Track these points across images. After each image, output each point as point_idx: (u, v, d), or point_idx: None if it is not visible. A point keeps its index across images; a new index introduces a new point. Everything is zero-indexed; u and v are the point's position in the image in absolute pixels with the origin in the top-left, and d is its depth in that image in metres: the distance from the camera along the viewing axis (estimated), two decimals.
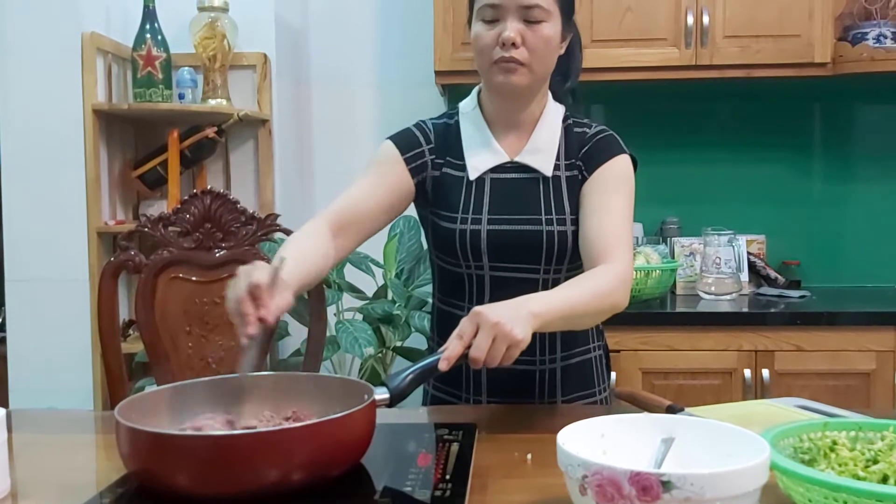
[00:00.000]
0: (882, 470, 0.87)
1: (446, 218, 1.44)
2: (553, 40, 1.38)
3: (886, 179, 2.91)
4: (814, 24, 2.54)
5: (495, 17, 1.35)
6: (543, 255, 1.41)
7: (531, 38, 1.35)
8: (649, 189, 2.91)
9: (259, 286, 1.10)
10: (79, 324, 2.46)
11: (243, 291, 1.10)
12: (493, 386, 1.47)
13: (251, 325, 1.09)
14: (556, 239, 1.40)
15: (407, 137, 1.48)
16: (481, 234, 1.41)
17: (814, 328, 2.34)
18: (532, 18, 1.34)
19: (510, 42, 1.34)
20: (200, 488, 0.92)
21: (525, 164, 1.44)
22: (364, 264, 2.68)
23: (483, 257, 1.42)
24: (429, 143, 1.47)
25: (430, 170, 1.47)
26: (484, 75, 1.42)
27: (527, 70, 1.37)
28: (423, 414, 1.42)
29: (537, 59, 1.37)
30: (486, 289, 1.44)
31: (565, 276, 1.44)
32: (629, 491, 0.78)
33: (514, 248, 1.41)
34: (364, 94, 3.05)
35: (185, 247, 1.79)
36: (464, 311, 1.45)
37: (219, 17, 2.61)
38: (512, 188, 1.43)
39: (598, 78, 2.60)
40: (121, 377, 1.75)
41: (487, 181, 1.44)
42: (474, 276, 1.44)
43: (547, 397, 1.48)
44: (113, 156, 2.63)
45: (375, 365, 2.69)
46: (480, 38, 1.37)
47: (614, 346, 2.35)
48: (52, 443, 1.28)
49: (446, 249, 1.45)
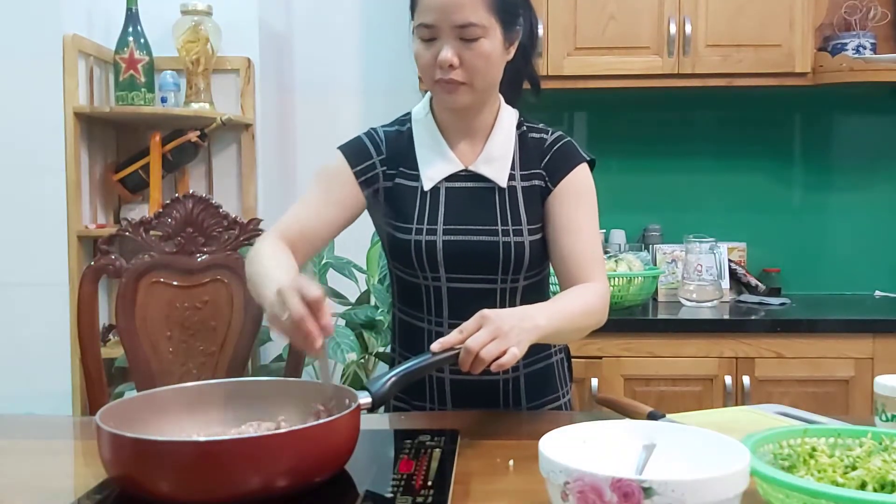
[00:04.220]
0: (860, 476, 0.88)
1: (401, 229, 1.42)
2: (493, 55, 1.33)
3: (865, 188, 2.94)
4: (794, 35, 2.57)
5: (432, 36, 1.32)
6: (500, 266, 1.40)
7: (469, 57, 1.31)
8: (631, 196, 2.94)
9: (318, 299, 1.08)
10: (58, 328, 2.43)
11: (302, 308, 1.07)
12: (458, 396, 1.46)
13: (318, 339, 1.07)
14: (513, 250, 1.40)
15: (357, 149, 1.46)
16: (437, 245, 1.40)
17: (794, 335, 2.36)
18: (468, 36, 1.30)
19: (446, 65, 1.30)
20: (183, 495, 0.91)
21: (479, 173, 1.42)
22: (347, 269, 2.68)
23: (440, 268, 1.41)
24: (380, 154, 1.45)
25: (382, 181, 1.45)
26: (430, 91, 1.41)
27: (468, 88, 1.34)
28: (405, 420, 1.42)
29: (478, 77, 1.33)
30: (444, 299, 1.43)
31: (523, 285, 1.44)
32: (611, 497, 0.78)
33: (470, 259, 1.40)
34: (348, 100, 3.04)
35: (166, 251, 1.78)
36: (423, 321, 1.46)
37: (202, 20, 2.60)
38: (467, 198, 1.42)
39: (581, 86, 2.63)
40: (100, 382, 1.74)
41: (442, 191, 1.42)
42: (431, 286, 1.43)
43: (512, 405, 1.48)
44: (94, 159, 2.61)
45: (358, 371, 2.69)
46: (419, 57, 1.35)
47: (596, 353, 2.36)
48: (31, 449, 1.27)
49: (402, 260, 1.44)
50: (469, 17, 1.29)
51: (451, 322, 1.41)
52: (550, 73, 2.58)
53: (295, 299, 1.08)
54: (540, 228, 1.43)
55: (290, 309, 1.08)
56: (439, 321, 1.44)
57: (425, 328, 1.45)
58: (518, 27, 1.39)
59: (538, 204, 1.43)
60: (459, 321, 1.18)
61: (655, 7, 2.59)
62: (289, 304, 1.08)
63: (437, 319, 1.44)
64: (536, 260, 1.43)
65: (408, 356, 1.45)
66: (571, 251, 1.39)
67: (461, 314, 1.23)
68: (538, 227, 1.43)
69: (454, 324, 1.19)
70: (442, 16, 1.29)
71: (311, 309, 1.07)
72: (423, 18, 1.31)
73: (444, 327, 1.42)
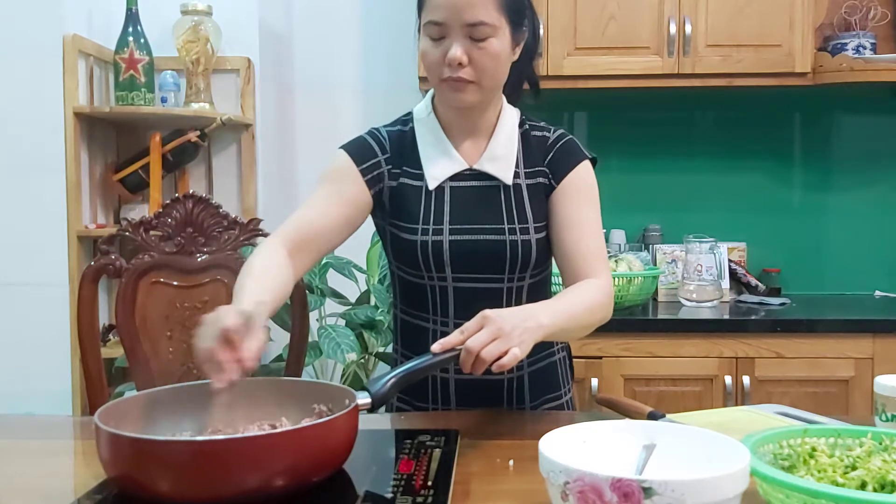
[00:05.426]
0: (860, 476, 0.88)
1: (406, 229, 1.41)
2: (502, 55, 1.33)
3: (865, 188, 2.94)
4: (794, 35, 2.57)
5: (441, 34, 1.30)
6: (507, 265, 1.40)
7: (478, 56, 1.30)
8: (631, 196, 2.94)
9: (230, 329, 1.02)
10: (58, 328, 2.43)
11: (214, 338, 1.03)
12: (461, 396, 1.45)
13: (228, 371, 1.01)
14: (520, 248, 1.39)
15: (361, 147, 1.44)
16: (443, 245, 1.39)
17: (794, 335, 2.36)
18: (478, 36, 1.29)
19: (456, 63, 1.30)
20: (182, 494, 0.91)
21: (484, 171, 1.42)
22: (347, 269, 2.68)
23: (446, 268, 1.40)
24: (384, 153, 1.43)
25: (387, 180, 1.43)
26: (434, 89, 1.41)
27: (475, 87, 1.33)
28: (405, 420, 1.42)
29: (486, 76, 1.33)
30: (450, 299, 1.42)
31: (528, 283, 1.43)
32: (611, 497, 0.78)
33: (477, 258, 1.40)
34: (348, 100, 3.04)
35: (166, 251, 1.78)
36: (428, 321, 1.45)
37: (202, 20, 2.60)
38: (472, 197, 1.42)
39: (581, 85, 2.63)
40: (100, 382, 1.74)
41: (447, 190, 1.42)
42: (437, 286, 1.42)
43: (516, 404, 1.48)
44: (94, 159, 2.61)
45: (358, 371, 2.69)
46: (427, 55, 1.34)
47: (596, 353, 2.36)
48: (30, 449, 1.27)
49: (407, 261, 1.43)
50: (480, 16, 1.28)
51: (456, 322, 1.40)
52: (550, 73, 2.58)
53: (209, 329, 1.04)
54: (545, 226, 1.43)
55: (202, 340, 1.04)
56: (444, 321, 1.43)
57: (430, 328, 1.45)
58: (525, 28, 1.39)
59: (543, 202, 1.43)
60: (465, 320, 1.17)
61: (655, 7, 2.58)
62: (199, 333, 1.05)
63: (442, 319, 1.43)
64: (542, 258, 1.43)
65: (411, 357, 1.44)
66: (575, 247, 1.39)
67: (467, 314, 1.22)
68: (543, 225, 1.43)
69: (459, 323, 1.19)
70: (453, 13, 1.29)
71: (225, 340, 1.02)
72: (432, 16, 1.30)
73: (450, 327, 1.41)
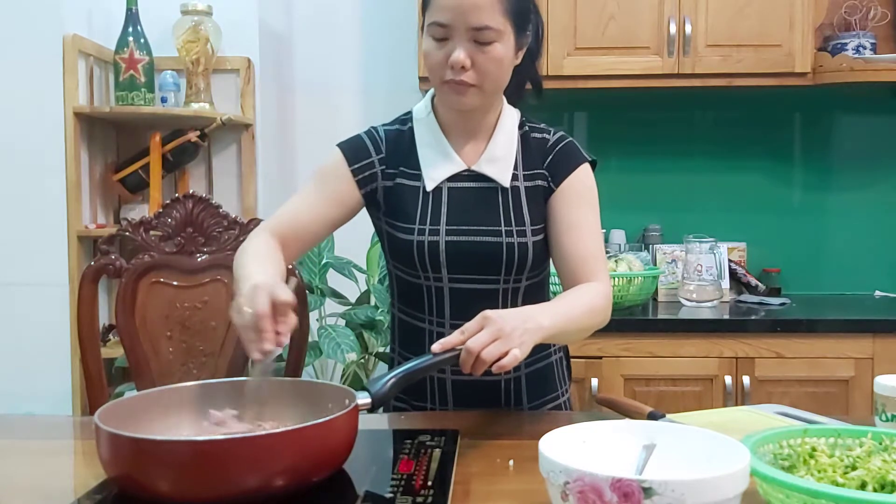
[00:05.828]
0: (860, 476, 0.88)
1: (403, 229, 1.42)
2: (505, 60, 1.33)
3: (865, 188, 2.94)
4: (794, 35, 2.57)
5: (445, 35, 1.30)
6: (503, 266, 1.40)
7: (482, 60, 1.30)
8: (631, 196, 2.94)
9: (285, 304, 1.09)
10: (58, 328, 2.43)
11: (266, 307, 1.08)
12: (459, 396, 1.45)
13: (269, 341, 1.07)
14: (517, 250, 1.39)
15: (356, 147, 1.44)
16: (440, 246, 1.39)
17: (794, 335, 2.36)
18: (482, 40, 1.29)
19: (459, 66, 1.29)
20: (181, 494, 0.91)
21: (483, 173, 1.42)
22: (347, 269, 2.68)
23: (442, 269, 1.40)
24: (379, 153, 1.44)
25: (381, 180, 1.43)
26: (435, 90, 1.40)
27: (477, 90, 1.33)
28: (405, 420, 1.42)
29: (489, 81, 1.33)
30: (446, 299, 1.42)
31: (525, 285, 1.43)
32: (611, 497, 0.78)
33: (473, 260, 1.40)
34: (348, 100, 3.04)
35: (166, 251, 1.78)
36: (424, 321, 1.45)
37: (202, 20, 2.60)
38: (470, 198, 1.41)
39: (581, 86, 2.63)
40: (100, 382, 1.74)
41: (444, 191, 1.41)
42: (433, 287, 1.42)
43: (513, 405, 1.48)
44: (94, 159, 2.61)
45: (358, 371, 2.69)
46: (430, 56, 1.33)
47: (596, 353, 2.36)
48: (30, 449, 1.27)
49: (404, 260, 1.43)
50: (485, 20, 1.28)
51: (452, 322, 1.41)
52: (550, 73, 2.58)
53: (264, 297, 1.09)
54: (542, 229, 1.43)
55: (255, 304, 1.09)
56: (441, 322, 1.43)
57: (426, 329, 1.45)
58: (528, 32, 1.38)
59: (541, 204, 1.43)
60: (461, 321, 1.18)
61: (655, 7, 2.58)
62: (256, 299, 1.09)
63: (438, 320, 1.44)
64: (539, 260, 1.43)
65: (408, 357, 1.45)
66: (574, 250, 1.39)
67: (463, 314, 1.23)
68: (541, 228, 1.43)
69: (456, 324, 1.19)
70: (458, 16, 1.28)
71: (275, 312, 1.09)
72: (437, 17, 1.30)
73: (446, 328, 1.42)
